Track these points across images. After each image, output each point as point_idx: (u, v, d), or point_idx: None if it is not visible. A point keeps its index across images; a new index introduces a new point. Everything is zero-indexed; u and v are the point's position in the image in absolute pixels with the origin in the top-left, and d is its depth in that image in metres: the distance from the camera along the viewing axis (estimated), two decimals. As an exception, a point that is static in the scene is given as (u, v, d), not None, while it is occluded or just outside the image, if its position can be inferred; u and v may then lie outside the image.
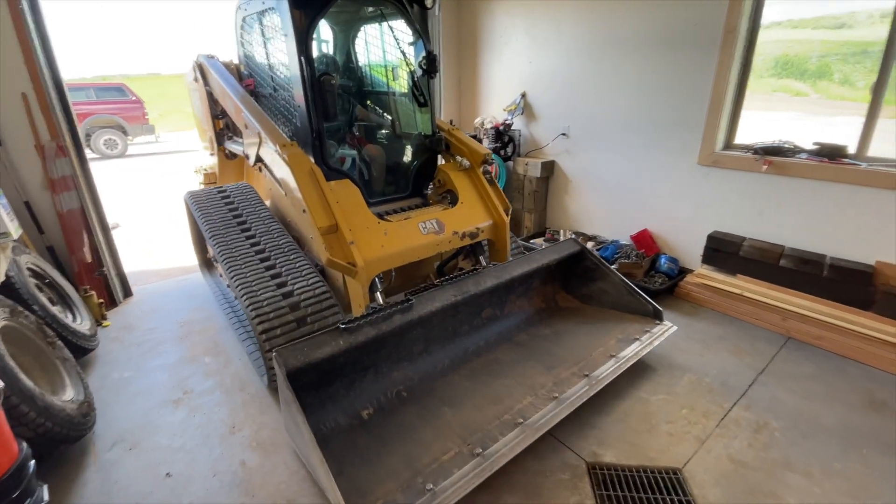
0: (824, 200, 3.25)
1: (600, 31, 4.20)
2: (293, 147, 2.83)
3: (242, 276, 2.70)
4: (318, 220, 2.59)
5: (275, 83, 3.22)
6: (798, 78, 6.29)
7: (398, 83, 3.50)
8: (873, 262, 3.10)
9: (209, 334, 3.44)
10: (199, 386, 2.86)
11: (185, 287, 4.24)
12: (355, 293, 2.65)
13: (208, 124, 4.12)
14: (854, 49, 5.26)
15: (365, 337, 2.21)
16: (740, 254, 3.63)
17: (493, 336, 2.94)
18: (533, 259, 3.02)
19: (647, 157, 4.17)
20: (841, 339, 3.01)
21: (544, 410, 2.29)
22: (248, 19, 3.38)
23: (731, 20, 3.34)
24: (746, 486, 2.08)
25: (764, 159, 3.42)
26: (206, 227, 3.10)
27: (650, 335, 2.86)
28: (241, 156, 3.82)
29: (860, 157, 3.14)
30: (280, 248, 2.94)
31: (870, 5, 4.67)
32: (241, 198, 3.37)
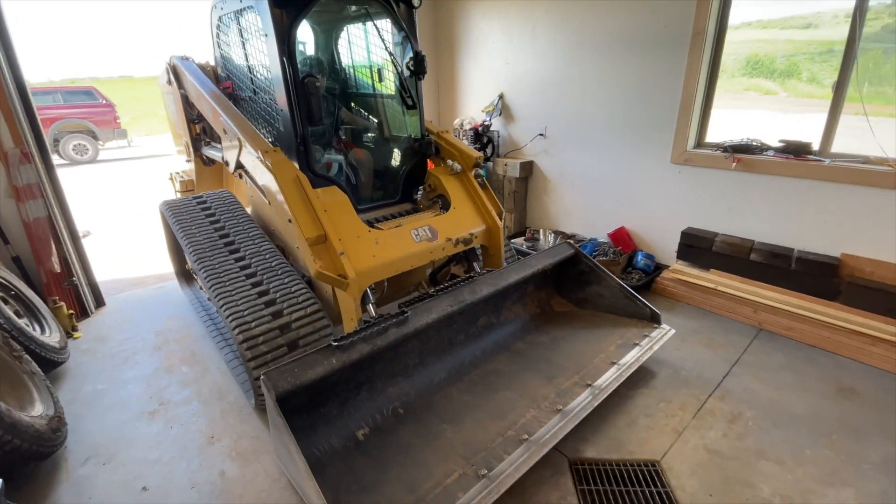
0: (791, 196, 3.36)
1: (574, 32, 4.26)
2: (277, 153, 2.72)
3: (226, 293, 2.54)
4: (305, 230, 2.48)
5: (255, 86, 3.12)
6: (768, 77, 6.49)
7: (384, 85, 3.41)
8: (839, 254, 3.22)
9: (186, 343, 3.37)
10: (175, 396, 2.80)
11: (161, 295, 4.15)
12: (347, 306, 2.53)
13: (183, 129, 3.98)
14: (820, 48, 5.45)
15: (359, 354, 2.06)
16: (713, 249, 3.73)
17: (490, 345, 2.82)
18: (528, 264, 2.92)
19: (623, 156, 4.24)
20: (810, 329, 3.12)
21: (549, 424, 2.18)
22: (224, 19, 3.26)
23: (699, 22, 3.43)
24: (722, 476, 2.14)
25: (733, 157, 3.52)
26: (186, 239, 2.94)
27: (650, 339, 2.79)
28: (219, 162, 3.71)
29: (824, 153, 3.26)
30: (264, 260, 2.81)
31: (835, 5, 4.85)
32: (221, 207, 3.23)
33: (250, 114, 3.24)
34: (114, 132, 12.31)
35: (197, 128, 3.92)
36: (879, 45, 3.23)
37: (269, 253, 2.87)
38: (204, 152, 3.94)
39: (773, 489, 2.06)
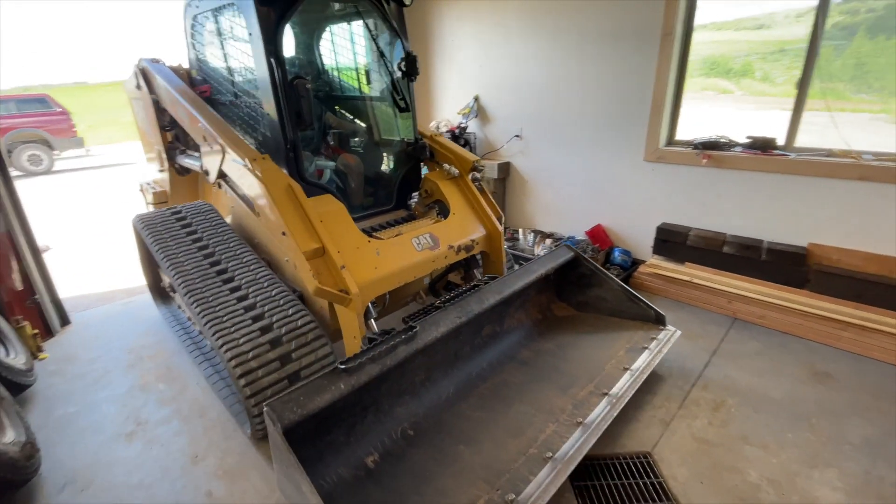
0: (759, 189, 3.50)
1: (546, 34, 4.32)
2: (266, 161, 2.55)
3: (216, 320, 2.32)
4: (301, 243, 2.32)
5: (236, 89, 2.95)
6: (724, 76, 6.77)
7: (374, 87, 3.27)
8: (806, 244, 3.38)
9: (161, 359, 3.22)
10: (153, 415, 2.68)
11: (131, 310, 3.96)
12: (348, 324, 2.36)
13: (156, 137, 3.75)
14: (773, 48, 5.73)
15: (368, 376, 1.90)
16: (687, 243, 3.85)
17: (497, 355, 2.68)
18: (531, 269, 2.81)
19: (598, 155, 4.33)
20: (781, 317, 3.25)
21: (572, 440, 2.06)
22: (200, 18, 3.07)
23: (668, 24, 3.54)
24: (710, 463, 2.20)
25: (703, 153, 3.65)
26: (165, 258, 2.70)
27: (658, 342, 2.72)
28: (195, 171, 3.53)
29: (789, 147, 3.41)
30: (255, 279, 2.60)
31: (787, 6, 5.10)
32: (200, 220, 3.01)
33: (231, 119, 3.07)
34: (70, 141, 11.74)
35: (169, 135, 3.71)
36: (831, 43, 3.39)
37: (257, 269, 2.67)
38: (179, 161, 3.71)
39: (760, 473, 2.13)
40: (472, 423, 2.23)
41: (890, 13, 3.97)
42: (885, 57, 4.63)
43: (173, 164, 3.79)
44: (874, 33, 4.61)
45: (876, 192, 3.06)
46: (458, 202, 3.09)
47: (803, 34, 3.25)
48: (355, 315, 2.35)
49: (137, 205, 4.27)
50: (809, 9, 3.17)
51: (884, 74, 4.53)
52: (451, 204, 3.06)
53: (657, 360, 2.60)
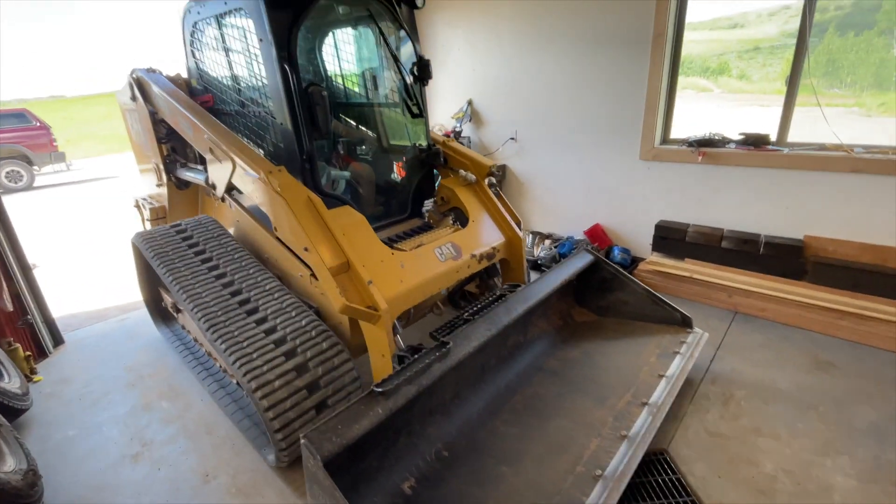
0: (754, 184, 3.57)
1: (539, 37, 4.35)
2: (282, 174, 2.42)
3: (236, 346, 2.18)
4: (326, 258, 2.22)
5: (243, 98, 2.84)
6: (702, 75, 6.93)
7: (385, 92, 3.17)
8: (802, 236, 3.45)
9: (162, 377, 3.15)
10: (159, 435, 2.61)
11: (127, 327, 3.87)
12: (376, 342, 2.24)
13: (153, 150, 3.59)
14: (748, 46, 5.88)
15: (405, 398, 1.80)
16: (686, 239, 3.90)
17: (523, 366, 2.58)
18: (553, 276, 2.74)
19: (593, 155, 4.37)
20: (782, 308, 3.30)
21: (620, 454, 1.96)
22: (201, 25, 2.95)
23: (660, 24, 3.59)
24: (726, 457, 2.21)
25: (698, 151, 3.70)
26: (172, 279, 2.54)
27: (688, 346, 2.64)
28: (194, 185, 3.41)
29: (781, 143, 3.49)
30: (268, 295, 2.48)
31: (759, 6, 5.23)
32: (205, 235, 2.86)
33: (236, 130, 2.97)
34: (50, 156, 11.48)
35: (165, 148, 3.56)
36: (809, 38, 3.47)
37: (272, 287, 2.53)
38: (180, 175, 3.56)
39: (775, 464, 2.15)
40: (509, 441, 2.11)
41: (857, 10, 4.10)
42: (854, 53, 4.77)
43: (172, 178, 3.65)
44: (843, 30, 4.76)
45: (868, 184, 3.14)
46: (476, 209, 3.02)
47: (775, 32, 3.33)
48: (385, 332, 2.22)
49: (126, 219, 4.16)
50: (780, 8, 3.25)
51: (854, 70, 4.66)
52: (469, 211, 2.98)
53: (690, 364, 2.52)
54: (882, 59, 4.58)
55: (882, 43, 4.34)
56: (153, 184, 3.85)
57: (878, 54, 4.52)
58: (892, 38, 4.20)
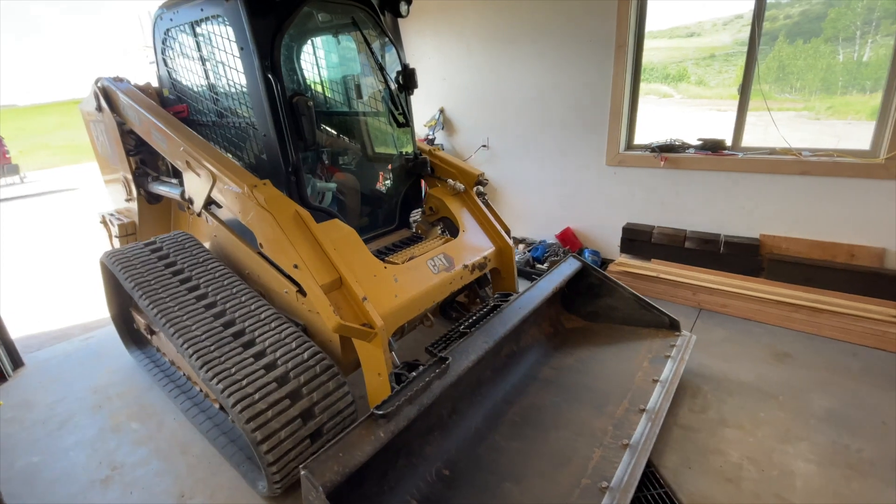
0: (713, 187, 3.76)
1: (506, 48, 4.47)
2: (268, 187, 2.33)
3: (224, 372, 2.03)
4: (318, 275, 2.12)
5: (220, 108, 2.74)
6: (663, 81, 7.25)
7: (370, 101, 3.09)
8: (758, 235, 3.66)
9: (131, 397, 3.04)
10: (130, 458, 2.52)
11: (91, 347, 3.72)
12: (372, 361, 2.16)
13: (121, 163, 3.41)
14: (704, 54, 6.21)
15: (406, 420, 1.73)
16: (652, 241, 4.06)
17: (519, 377, 2.54)
18: (545, 284, 2.73)
19: (563, 161, 4.50)
20: (742, 304, 3.48)
21: (623, 464, 1.93)
22: (174, 32, 2.83)
23: (621, 36, 3.76)
24: (696, 448, 2.31)
25: (661, 156, 3.87)
26: (149, 302, 2.37)
27: (678, 349, 2.66)
28: (167, 199, 3.28)
29: (736, 147, 3.69)
30: (254, 315, 2.34)
31: (713, 15, 5.52)
32: (183, 253, 2.71)
33: (214, 141, 2.86)
34: (3, 168, 10.92)
35: (134, 161, 3.40)
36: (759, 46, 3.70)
37: (258, 307, 2.39)
38: (152, 189, 3.39)
39: (741, 453, 2.27)
40: (511, 456, 2.06)
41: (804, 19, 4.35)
42: (803, 59, 5.08)
43: (143, 192, 3.48)
44: (792, 38, 5.08)
45: (815, 185, 3.36)
46: (466, 219, 2.99)
47: (729, 40, 3.54)
48: (381, 351, 2.13)
49: (88, 234, 4.00)
50: (733, 17, 3.45)
51: (803, 75, 4.96)
52: (459, 221, 2.95)
53: (682, 368, 2.55)
54: (828, 64, 4.89)
55: (828, 50, 4.64)
56: (121, 198, 3.68)
57: (824, 60, 4.83)
58: (838, 45, 4.49)
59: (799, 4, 5.11)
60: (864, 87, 4.40)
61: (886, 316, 3.07)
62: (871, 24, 4.16)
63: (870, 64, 4.44)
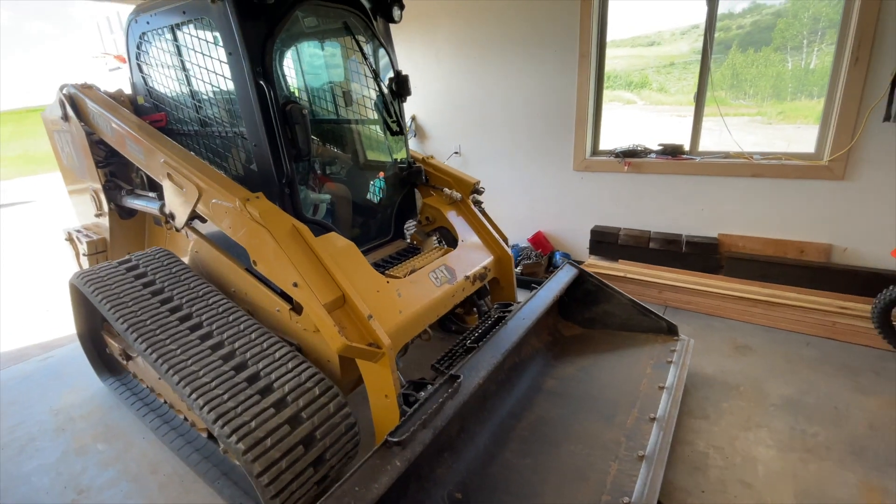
0: (674, 190, 3.94)
1: (475, 56, 4.57)
2: (262, 201, 2.18)
3: (216, 401, 1.87)
4: (320, 293, 2.00)
5: (203, 117, 2.59)
6: (626, 89, 7.53)
7: (362, 108, 3.00)
8: (716, 234, 3.85)
9: (96, 417, 2.93)
10: (97, 480, 2.43)
11: (51, 367, 3.55)
12: (378, 382, 2.03)
13: (90, 175, 3.19)
14: (664, 62, 6.49)
15: (422, 445, 1.64)
16: (618, 242, 4.21)
17: (523, 389, 2.47)
18: (545, 293, 2.69)
19: (532, 167, 4.62)
20: (704, 300, 3.65)
21: (642, 477, 1.87)
22: (151, 36, 2.66)
23: (584, 46, 3.91)
24: (665, 440, 2.41)
25: (624, 161, 4.03)
26: (125, 323, 2.20)
27: (678, 354, 2.65)
28: (141, 213, 3.12)
29: (694, 152, 3.89)
30: (244, 336, 2.19)
31: (672, 25, 5.79)
32: (162, 272, 2.53)
33: (197, 152, 2.70)
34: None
35: (103, 173, 3.19)
36: (711, 57, 3.92)
37: (248, 327, 2.24)
38: (125, 203, 3.15)
39: (706, 442, 2.38)
40: (524, 473, 1.97)
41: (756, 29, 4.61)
42: (755, 67, 5.38)
43: (114, 207, 3.26)
44: (745, 47, 5.38)
45: (766, 186, 3.57)
46: (464, 228, 2.94)
47: (687, 49, 3.73)
48: (389, 371, 2.00)
49: (48, 248, 3.81)
50: (690, 27, 3.64)
51: (756, 82, 5.25)
52: (457, 231, 2.89)
53: (685, 373, 2.54)
54: (778, 72, 5.19)
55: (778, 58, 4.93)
56: (90, 213, 3.43)
57: (774, 68, 5.13)
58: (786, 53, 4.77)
59: (750, 15, 5.43)
60: (811, 94, 4.68)
61: (835, 307, 3.28)
62: (817, 33, 4.42)
63: (816, 71, 4.72)
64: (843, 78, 3.16)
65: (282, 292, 2.28)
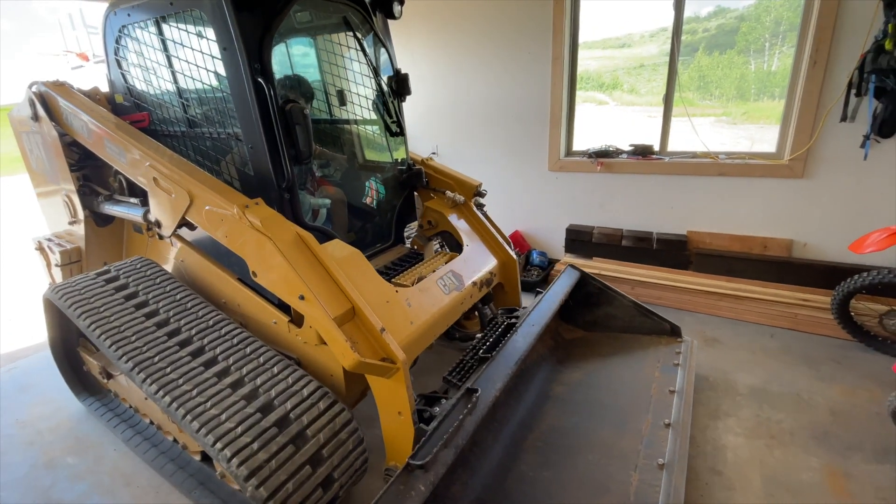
0: (644, 189, 4.06)
1: (451, 58, 4.60)
2: (262, 207, 2.04)
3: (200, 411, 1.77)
4: (330, 306, 1.86)
5: (191, 117, 2.44)
6: (598, 90, 7.68)
7: (359, 108, 2.88)
8: (685, 231, 3.99)
9: (65, 430, 2.83)
10: (67, 495, 2.36)
11: (16, 378, 3.41)
12: (393, 399, 1.91)
13: (63, 179, 3.01)
14: (634, 63, 6.66)
15: (445, 467, 1.57)
16: (592, 240, 4.31)
17: (532, 397, 2.39)
18: (551, 297, 2.65)
19: (509, 167, 4.68)
20: (674, 295, 3.78)
21: (665, 487, 1.81)
22: (131, 29, 2.48)
23: (556, 49, 3.98)
24: (639, 432, 2.49)
25: (597, 161, 4.13)
26: (107, 340, 2.06)
27: (684, 356, 2.61)
28: (119, 220, 2.98)
29: (663, 152, 4.01)
30: (236, 348, 2.08)
31: (641, 28, 5.95)
32: (146, 283, 2.38)
33: (184, 155, 2.54)
34: None
35: (77, 177, 3.00)
36: (679, 59, 4.05)
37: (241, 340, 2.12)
38: (104, 209, 2.96)
39: (678, 432, 2.47)
40: (543, 487, 1.89)
41: (721, 32, 4.77)
42: (720, 69, 5.58)
43: (90, 213, 3.07)
44: (710, 49, 5.58)
45: (732, 185, 3.72)
46: (468, 232, 2.86)
47: (656, 51, 3.84)
48: (404, 387, 1.88)
49: (10, 258, 3.63)
50: (659, 30, 3.75)
51: (721, 84, 5.44)
52: (461, 235, 2.82)
53: (693, 375, 2.53)
54: (742, 74, 5.39)
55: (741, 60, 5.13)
56: (62, 220, 3.24)
57: (738, 70, 5.33)
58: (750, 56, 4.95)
59: (716, 18, 5.62)
60: (772, 95, 4.87)
61: (797, 300, 3.45)
62: (778, 36, 4.57)
63: (777, 73, 4.87)
64: (802, 80, 3.31)
65: (279, 303, 2.17)
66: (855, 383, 2.78)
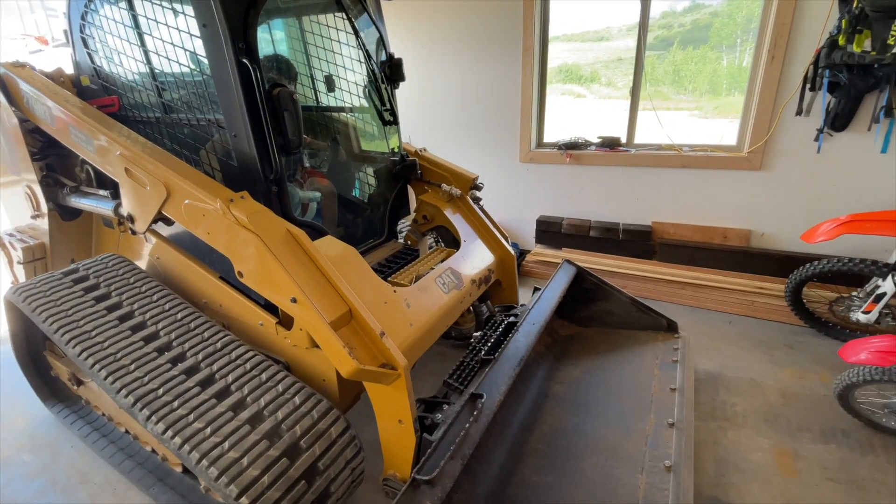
0: (611, 180, 4.12)
1: (423, 50, 4.55)
2: (248, 201, 1.86)
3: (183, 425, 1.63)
4: (325, 310, 1.71)
5: (166, 101, 2.24)
6: (576, 82, 7.73)
7: (350, 95, 2.71)
8: (650, 222, 4.07)
9: (19, 428, 2.75)
10: (21, 494, 2.30)
11: (-33, 377, 3.30)
12: (393, 406, 1.78)
13: (24, 170, 2.82)
14: (612, 56, 6.72)
15: (452, 480, 1.49)
16: (562, 231, 4.37)
17: (531, 396, 2.31)
18: (550, 295, 2.58)
19: (481, 159, 4.69)
20: (639, 284, 3.87)
21: (674, 490, 1.74)
22: (98, 5, 2.25)
23: (527, 40, 3.99)
24: (599, 418, 2.56)
25: (566, 153, 4.17)
26: (77, 346, 1.89)
27: (681, 353, 2.56)
28: (87, 214, 2.82)
29: (630, 144, 4.08)
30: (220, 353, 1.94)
31: (619, 21, 5.99)
32: (118, 282, 2.20)
33: (158, 143, 2.31)
34: None
35: (39, 167, 2.79)
36: (654, 53, 4.11)
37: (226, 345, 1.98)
38: (71, 202, 2.76)
39: (636, 418, 2.54)
40: (547, 493, 1.80)
41: (695, 27, 4.84)
42: (693, 64, 5.67)
43: (54, 207, 2.87)
44: (685, 44, 5.65)
45: (694, 177, 3.81)
46: (465, 227, 2.76)
47: (633, 45, 3.89)
48: (405, 394, 1.74)
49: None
50: (636, 24, 3.79)
51: (694, 78, 5.54)
52: (459, 230, 2.71)
53: (692, 372, 2.48)
54: (715, 69, 5.48)
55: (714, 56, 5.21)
56: (25, 214, 3.05)
57: (711, 65, 5.42)
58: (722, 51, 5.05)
59: (691, 14, 5.70)
60: (742, 90, 4.99)
61: (753, 287, 3.57)
62: (749, 33, 4.68)
63: (747, 69, 5.00)
64: (760, 75, 3.40)
65: (266, 303, 2.05)
66: (806, 367, 2.90)
